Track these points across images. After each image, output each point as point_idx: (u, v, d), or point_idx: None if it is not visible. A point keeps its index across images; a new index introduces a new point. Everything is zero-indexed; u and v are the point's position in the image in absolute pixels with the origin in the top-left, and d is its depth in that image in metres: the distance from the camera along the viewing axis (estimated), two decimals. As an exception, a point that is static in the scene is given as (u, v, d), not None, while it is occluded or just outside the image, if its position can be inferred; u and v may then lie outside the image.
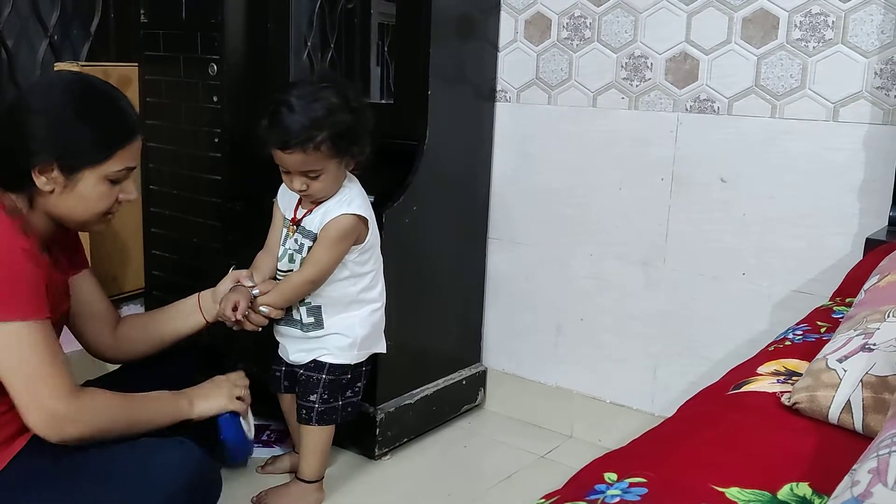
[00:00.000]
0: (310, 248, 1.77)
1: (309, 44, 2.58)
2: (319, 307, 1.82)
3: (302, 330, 1.84)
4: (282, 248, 1.82)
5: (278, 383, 1.95)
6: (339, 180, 1.76)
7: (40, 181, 1.39)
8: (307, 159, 1.67)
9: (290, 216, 1.82)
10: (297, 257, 1.80)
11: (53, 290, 1.45)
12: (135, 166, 1.49)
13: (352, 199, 1.77)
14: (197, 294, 1.81)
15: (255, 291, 1.77)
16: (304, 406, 1.87)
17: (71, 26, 2.71)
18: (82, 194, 1.42)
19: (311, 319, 1.83)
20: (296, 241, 1.80)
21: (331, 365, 1.84)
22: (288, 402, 1.98)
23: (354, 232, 1.77)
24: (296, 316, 1.84)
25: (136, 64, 2.55)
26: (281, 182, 1.80)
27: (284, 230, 1.82)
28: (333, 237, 1.74)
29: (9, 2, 2.54)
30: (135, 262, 2.66)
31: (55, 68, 2.50)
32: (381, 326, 1.92)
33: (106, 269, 2.55)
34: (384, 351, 1.95)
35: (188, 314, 1.78)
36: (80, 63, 2.51)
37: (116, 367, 1.83)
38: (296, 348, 1.87)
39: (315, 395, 1.85)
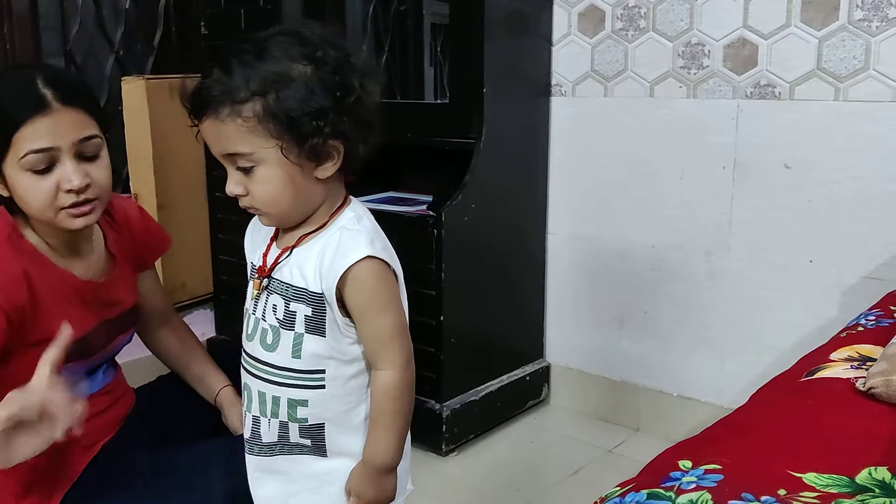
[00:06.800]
0: (284, 318, 1.09)
1: (364, 47, 2.62)
2: (322, 425, 1.12)
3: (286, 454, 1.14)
4: (249, 318, 1.15)
5: None
6: (300, 188, 1.06)
7: None
8: (223, 132, 1.06)
9: (256, 261, 1.15)
10: (282, 334, 1.09)
11: (61, 299, 1.30)
12: (54, 147, 1.21)
13: (366, 231, 1.09)
14: (221, 389, 1.52)
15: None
16: None
17: (135, 41, 2.80)
18: (17, 192, 1.25)
19: (308, 441, 1.13)
20: (274, 307, 1.11)
21: None
22: None
23: (394, 283, 1.09)
24: (276, 433, 1.13)
25: (200, 74, 2.62)
26: None
27: (250, 288, 1.15)
28: (381, 292, 1.06)
29: (76, 19, 2.64)
30: (203, 268, 2.75)
31: (122, 82, 2.59)
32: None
33: (175, 275, 2.65)
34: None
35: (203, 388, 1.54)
36: (146, 76, 2.59)
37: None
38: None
39: None
